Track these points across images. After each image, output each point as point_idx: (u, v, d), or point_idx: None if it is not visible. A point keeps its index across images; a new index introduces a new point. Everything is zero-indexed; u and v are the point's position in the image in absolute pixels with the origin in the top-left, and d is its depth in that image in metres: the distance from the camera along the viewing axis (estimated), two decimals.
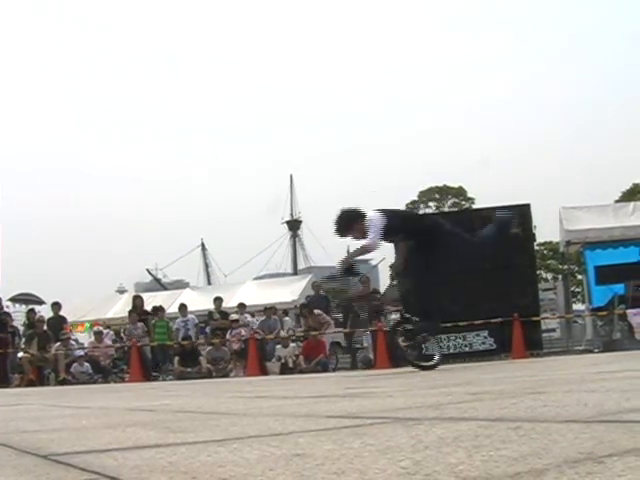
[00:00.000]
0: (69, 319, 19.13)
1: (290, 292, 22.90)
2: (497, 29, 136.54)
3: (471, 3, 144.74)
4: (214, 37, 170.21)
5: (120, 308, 22.92)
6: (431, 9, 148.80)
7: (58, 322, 17.22)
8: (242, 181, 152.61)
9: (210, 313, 17.96)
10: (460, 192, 54.50)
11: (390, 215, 7.94)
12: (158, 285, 53.58)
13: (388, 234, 7.88)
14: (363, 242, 7.79)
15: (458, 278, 13.83)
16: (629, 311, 14.07)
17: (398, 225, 8.04)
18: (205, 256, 74.17)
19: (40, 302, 24.24)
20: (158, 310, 17.76)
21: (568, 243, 17.13)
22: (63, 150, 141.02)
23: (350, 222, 7.94)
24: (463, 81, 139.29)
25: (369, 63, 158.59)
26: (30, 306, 21.32)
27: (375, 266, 59.27)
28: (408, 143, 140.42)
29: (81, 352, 16.76)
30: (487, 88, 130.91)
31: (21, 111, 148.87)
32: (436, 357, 8.21)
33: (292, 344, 15.96)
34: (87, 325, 22.64)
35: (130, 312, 17.47)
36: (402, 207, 51.57)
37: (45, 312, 18.58)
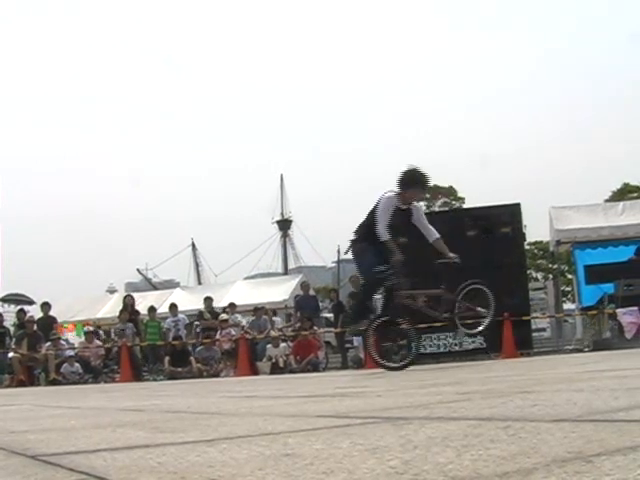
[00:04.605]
0: (59, 319, 19.07)
1: (280, 292, 22.90)
2: (496, 29, 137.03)
3: (470, 4, 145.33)
4: (210, 40, 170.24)
5: (110, 308, 22.89)
6: (430, 10, 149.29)
7: (48, 322, 17.17)
8: (233, 181, 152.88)
9: (200, 313, 17.92)
10: (450, 192, 54.51)
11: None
12: (149, 285, 53.47)
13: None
14: None
15: None
16: (619, 310, 14.11)
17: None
18: (195, 256, 74.09)
19: (30, 302, 24.15)
20: (151, 310, 17.81)
21: (558, 242, 17.18)
22: (58, 151, 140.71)
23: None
24: (454, 83, 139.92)
25: (360, 65, 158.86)
26: (20, 306, 21.20)
27: None
28: (398, 143, 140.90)
29: (71, 352, 16.72)
30: (477, 90, 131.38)
31: (20, 112, 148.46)
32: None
33: (283, 344, 15.95)
34: (78, 326, 22.55)
35: (120, 312, 17.46)
36: None
37: (35, 312, 18.53)
